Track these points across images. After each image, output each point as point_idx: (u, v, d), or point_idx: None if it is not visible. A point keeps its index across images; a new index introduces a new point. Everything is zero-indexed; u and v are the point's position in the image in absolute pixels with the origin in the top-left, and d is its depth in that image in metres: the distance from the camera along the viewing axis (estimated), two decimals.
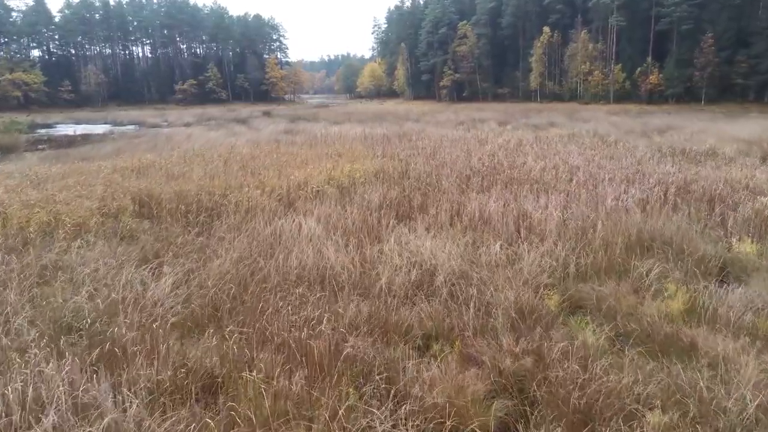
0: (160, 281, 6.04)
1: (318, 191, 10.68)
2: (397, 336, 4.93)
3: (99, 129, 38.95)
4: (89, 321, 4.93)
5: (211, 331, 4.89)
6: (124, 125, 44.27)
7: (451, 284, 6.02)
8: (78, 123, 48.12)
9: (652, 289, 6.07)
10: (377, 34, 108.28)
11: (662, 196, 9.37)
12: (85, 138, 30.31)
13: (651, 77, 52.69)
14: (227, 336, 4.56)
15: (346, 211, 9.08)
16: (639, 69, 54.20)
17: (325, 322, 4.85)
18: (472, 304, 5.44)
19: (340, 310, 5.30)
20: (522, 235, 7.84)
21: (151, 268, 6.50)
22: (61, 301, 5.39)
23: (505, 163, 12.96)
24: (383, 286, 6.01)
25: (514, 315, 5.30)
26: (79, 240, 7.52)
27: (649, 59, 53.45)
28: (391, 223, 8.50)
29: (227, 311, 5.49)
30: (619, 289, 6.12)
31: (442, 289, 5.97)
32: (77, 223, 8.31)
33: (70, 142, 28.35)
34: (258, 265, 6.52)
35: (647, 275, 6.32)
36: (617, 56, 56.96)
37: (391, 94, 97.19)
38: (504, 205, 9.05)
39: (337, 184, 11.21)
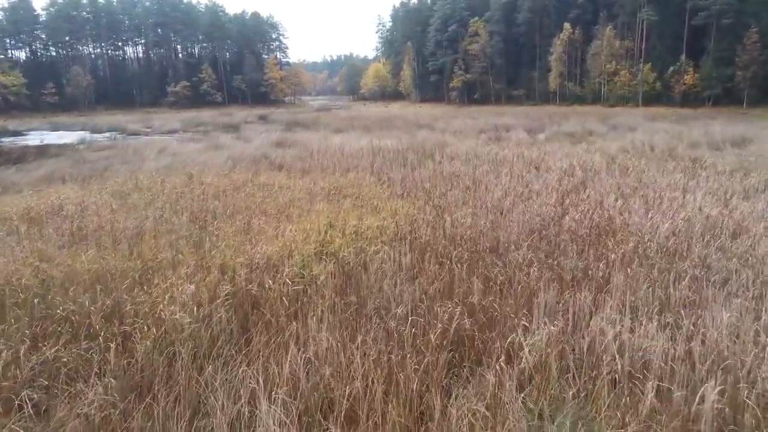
0: None
1: (302, 279, 6.04)
2: None
3: (71, 137, 34.49)
4: None
5: None
6: (103, 132, 40.02)
7: None
8: (55, 129, 44.00)
9: None
10: (382, 33, 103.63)
11: None
12: (44, 150, 25.94)
13: (686, 77, 47.75)
14: None
15: (354, 347, 4.47)
16: (672, 68, 49.22)
17: None
18: None
19: None
20: None
21: None
22: None
23: (607, 212, 8.20)
24: None
25: None
26: None
27: (683, 57, 48.50)
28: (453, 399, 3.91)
29: None
30: None
31: None
32: None
33: (22, 155, 23.95)
34: None
35: None
36: (646, 54, 51.93)
37: (397, 95, 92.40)
38: (683, 340, 4.40)
39: (337, 259, 6.58)
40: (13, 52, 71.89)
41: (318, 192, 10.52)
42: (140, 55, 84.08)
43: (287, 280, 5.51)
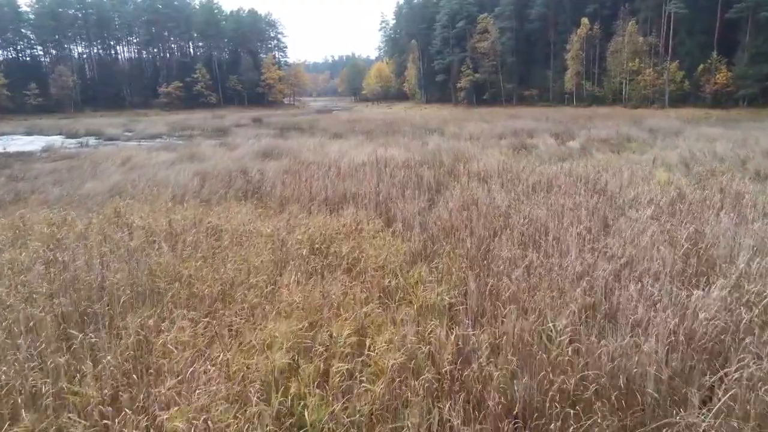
0: None
1: None
2: None
3: (40, 143, 30.78)
4: None
5: None
6: (79, 137, 36.38)
7: None
8: (29, 133, 40.42)
9: None
10: (385, 31, 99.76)
11: None
12: None
13: (718, 76, 43.70)
14: None
15: None
16: (702, 66, 45.18)
17: None
18: None
19: None
20: None
21: None
22: None
23: None
24: None
25: None
26: None
27: (714, 54, 44.44)
28: None
29: None
30: None
31: None
32: None
33: None
34: None
35: None
36: (673, 51, 47.88)
37: (401, 96, 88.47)
38: None
39: None
40: None
41: (294, 248, 6.66)
42: (133, 54, 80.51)
43: None
